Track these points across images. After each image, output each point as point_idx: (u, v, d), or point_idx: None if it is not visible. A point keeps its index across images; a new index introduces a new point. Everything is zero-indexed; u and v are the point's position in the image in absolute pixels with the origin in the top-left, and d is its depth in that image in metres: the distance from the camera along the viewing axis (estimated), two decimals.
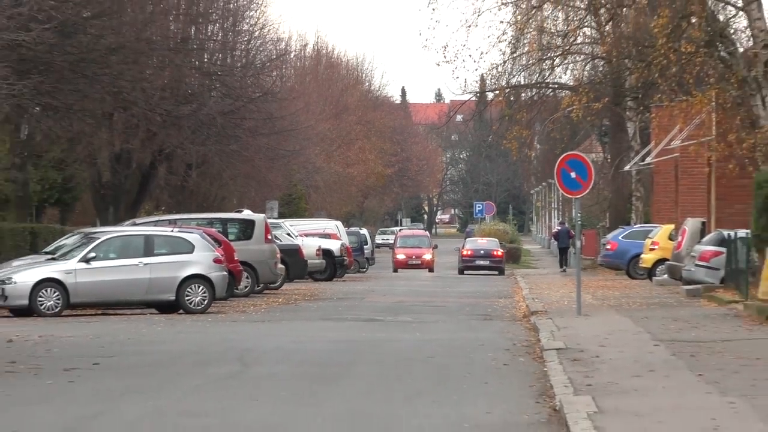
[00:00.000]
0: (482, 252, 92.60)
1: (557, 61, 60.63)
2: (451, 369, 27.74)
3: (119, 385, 25.44)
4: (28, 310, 44.03)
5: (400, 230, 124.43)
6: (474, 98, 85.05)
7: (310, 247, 68.56)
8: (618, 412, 19.30)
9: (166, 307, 45.73)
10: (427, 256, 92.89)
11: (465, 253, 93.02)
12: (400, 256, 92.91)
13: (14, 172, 63.30)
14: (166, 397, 23.61)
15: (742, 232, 45.90)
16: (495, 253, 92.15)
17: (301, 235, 68.26)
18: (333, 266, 70.92)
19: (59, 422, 20.47)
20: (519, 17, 56.05)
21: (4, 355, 30.77)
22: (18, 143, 63.40)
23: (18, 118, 58.28)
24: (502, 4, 55.44)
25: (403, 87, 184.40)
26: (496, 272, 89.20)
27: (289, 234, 65.24)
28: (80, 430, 19.71)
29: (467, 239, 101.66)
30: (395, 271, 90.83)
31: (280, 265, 58.84)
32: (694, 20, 49.08)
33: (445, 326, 40.38)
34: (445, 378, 26.01)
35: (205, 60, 74.13)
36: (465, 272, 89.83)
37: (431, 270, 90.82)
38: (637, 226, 79.02)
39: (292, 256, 62.12)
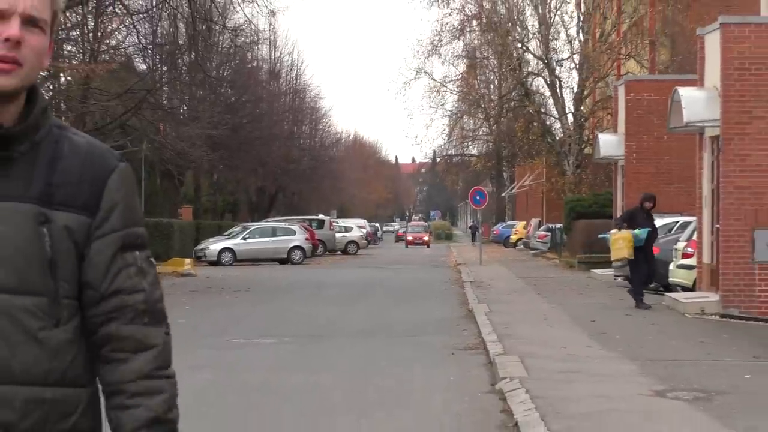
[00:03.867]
0: (418, 235, 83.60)
1: (470, 143, 60.45)
2: (419, 291, 27.64)
3: (258, 298, 25.42)
4: (216, 263, 44.00)
5: (409, 222, 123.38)
6: (430, 161, 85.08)
7: None
8: (499, 311, 19.19)
9: (282, 262, 45.65)
10: (426, 238, 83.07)
11: (409, 238, 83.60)
12: (410, 238, 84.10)
13: (210, 196, 63.28)
14: (280, 304, 23.61)
15: (558, 225, 45.85)
16: (423, 236, 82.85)
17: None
18: (356, 245, 70.46)
19: (230, 316, 20.41)
20: (451, 122, 55.87)
21: (205, 283, 30.80)
22: (211, 183, 63.33)
23: (212, 171, 58.17)
24: (443, 116, 55.27)
25: (396, 155, 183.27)
26: (425, 246, 78.76)
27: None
28: (242, 320, 19.60)
29: (407, 230, 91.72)
30: (407, 247, 79.61)
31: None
32: (535, 124, 48.94)
33: (416, 271, 40.24)
34: (416, 296, 25.92)
35: (301, 142, 74.07)
36: (408, 246, 79.40)
37: (428, 246, 79.49)
38: (508, 222, 78.93)
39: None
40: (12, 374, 2.17)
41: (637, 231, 19.40)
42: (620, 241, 19.36)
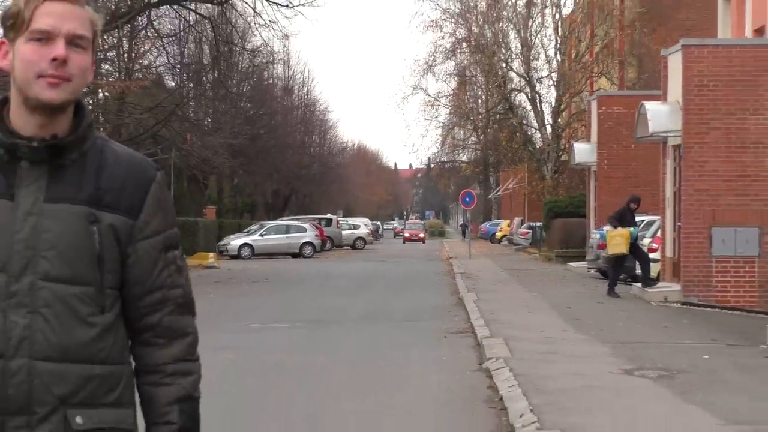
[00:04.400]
0: (415, 232, 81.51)
1: (461, 151, 60.26)
2: (416, 281, 27.61)
3: (273, 288, 25.37)
4: (236, 257, 43.86)
5: (406, 221, 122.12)
6: (425, 167, 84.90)
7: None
8: (486, 300, 19.18)
9: (294, 255, 45.48)
10: (421, 234, 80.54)
11: (406, 235, 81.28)
12: (407, 234, 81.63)
13: (231, 198, 63.14)
14: (292, 293, 23.52)
15: (538, 223, 45.83)
16: (419, 233, 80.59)
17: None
18: (363, 240, 70.19)
19: (249, 304, 20.35)
20: (444, 132, 55.75)
21: (227, 274, 30.68)
22: (232, 186, 63.18)
23: (232, 175, 58.07)
24: (437, 127, 55.16)
25: (395, 162, 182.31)
26: (421, 242, 76.55)
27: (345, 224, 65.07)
28: (259, 307, 19.53)
29: (405, 228, 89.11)
30: (404, 243, 77.31)
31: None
32: (518, 134, 48.93)
33: (414, 263, 40.12)
34: (413, 286, 25.88)
35: (311, 150, 73.91)
36: (406, 242, 77.25)
37: (423, 242, 76.96)
38: (494, 220, 78.81)
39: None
40: (66, 353, 2.23)
41: (632, 229, 19.44)
42: (618, 238, 19.31)
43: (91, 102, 35.17)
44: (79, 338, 2.24)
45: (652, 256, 21.39)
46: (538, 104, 48.05)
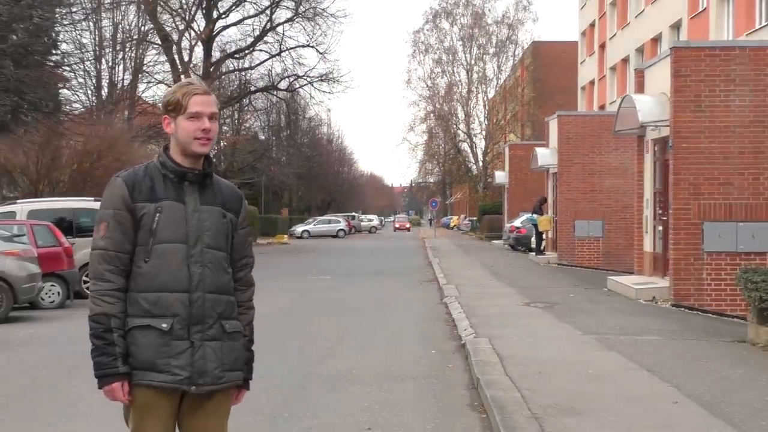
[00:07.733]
0: (403, 223, 71.48)
1: (430, 176, 59.98)
2: (403, 252, 27.46)
3: (321, 255, 25.05)
4: (299, 237, 43.45)
5: (397, 216, 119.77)
6: (409, 186, 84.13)
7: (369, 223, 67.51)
8: (444, 262, 19.08)
9: (333, 237, 45.10)
10: (407, 225, 70.77)
11: (396, 225, 71.40)
12: (396, 225, 71.93)
13: (297, 203, 62.71)
14: (332, 258, 23.30)
15: (474, 218, 45.58)
16: (406, 224, 70.73)
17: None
18: (375, 228, 69.67)
19: (306, 264, 20.15)
20: (420, 166, 55.60)
21: (294, 248, 30.45)
22: (297, 197, 62.74)
23: (298, 191, 57.73)
24: (416, 162, 55.06)
25: (392, 182, 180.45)
26: (407, 230, 66.79)
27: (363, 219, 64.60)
28: (312, 266, 19.36)
29: (396, 220, 77.50)
30: (395, 231, 67.92)
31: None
32: (463, 167, 48.79)
33: (401, 241, 39.81)
34: (402, 255, 25.74)
35: (343, 176, 73.21)
36: (395, 230, 66.50)
37: (408, 230, 67.37)
38: (449, 216, 78.14)
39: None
40: (220, 289, 2.32)
41: (550, 215, 19.27)
42: (545, 221, 19.19)
43: (215, 149, 35.22)
44: (223, 281, 2.34)
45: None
46: (474, 149, 48.11)
